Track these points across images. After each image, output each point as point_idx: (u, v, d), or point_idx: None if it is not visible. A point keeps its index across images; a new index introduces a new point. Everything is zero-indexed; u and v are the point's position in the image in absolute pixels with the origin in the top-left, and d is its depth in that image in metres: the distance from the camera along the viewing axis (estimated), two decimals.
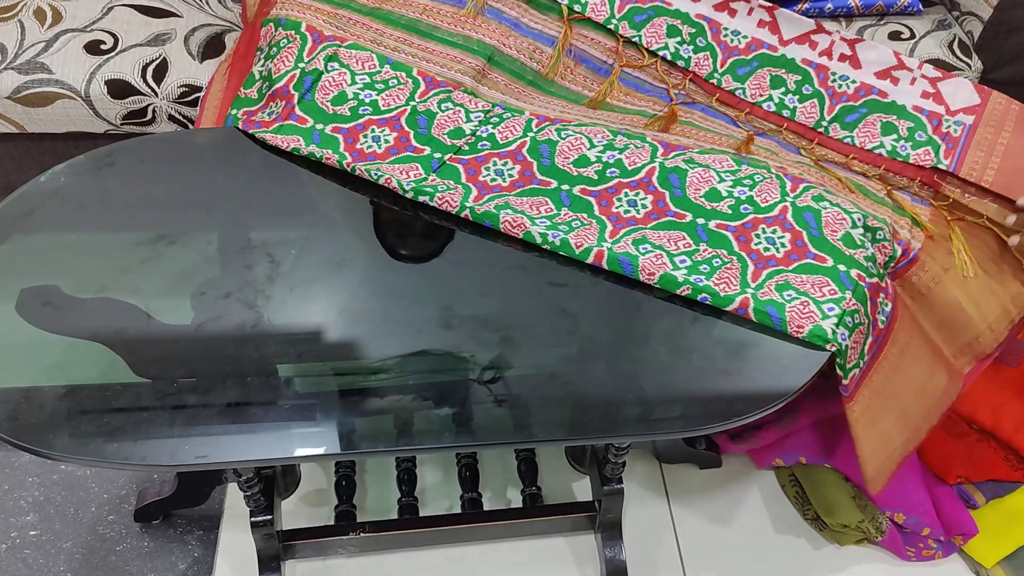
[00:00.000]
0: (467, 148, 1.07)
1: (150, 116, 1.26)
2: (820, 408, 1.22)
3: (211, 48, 1.29)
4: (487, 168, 1.05)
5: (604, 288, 0.95)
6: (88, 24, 1.28)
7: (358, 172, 1.03)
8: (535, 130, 1.08)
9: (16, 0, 1.30)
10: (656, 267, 0.93)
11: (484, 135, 1.08)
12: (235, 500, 1.24)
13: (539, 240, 0.97)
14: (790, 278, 0.94)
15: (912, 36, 1.38)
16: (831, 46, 1.24)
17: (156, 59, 1.25)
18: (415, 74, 1.12)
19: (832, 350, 0.88)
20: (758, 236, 0.98)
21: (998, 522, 1.22)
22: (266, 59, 1.14)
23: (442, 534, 1.16)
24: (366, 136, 1.07)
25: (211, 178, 1.05)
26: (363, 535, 1.13)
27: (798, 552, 1.23)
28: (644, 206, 1.01)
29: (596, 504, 1.16)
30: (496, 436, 0.83)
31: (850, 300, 0.92)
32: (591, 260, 0.95)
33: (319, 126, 1.08)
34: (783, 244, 0.97)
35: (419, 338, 0.89)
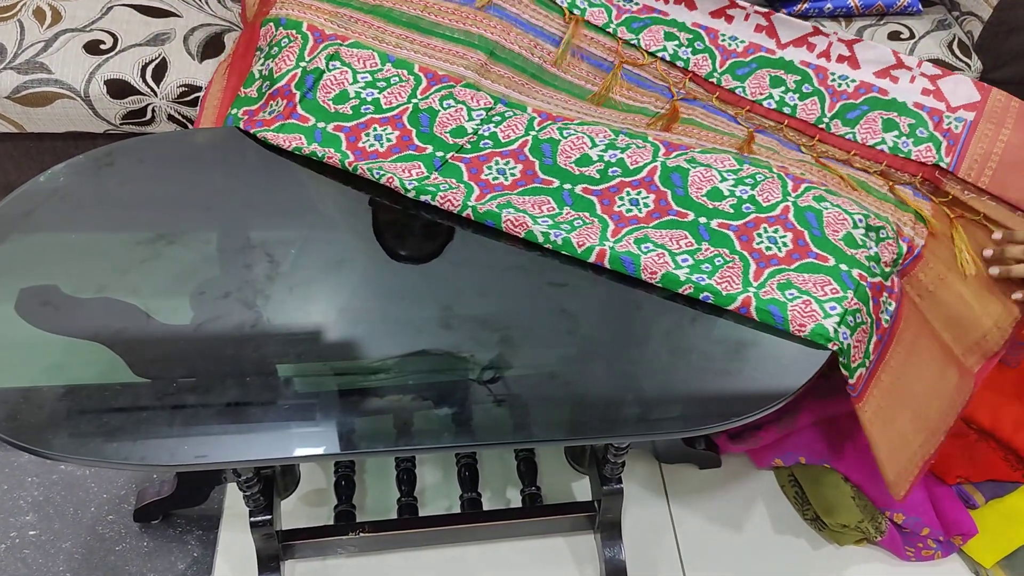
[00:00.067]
0: (469, 147, 1.07)
1: (149, 116, 1.26)
2: (820, 408, 1.22)
3: (210, 48, 1.29)
4: (489, 167, 1.05)
5: (604, 288, 0.95)
6: (87, 24, 1.28)
7: (360, 171, 1.03)
8: (537, 129, 1.08)
9: (15, 0, 1.30)
10: (658, 266, 0.93)
11: (486, 133, 1.08)
12: (234, 500, 1.24)
13: (541, 239, 0.97)
14: (792, 277, 0.94)
15: (912, 36, 1.38)
16: (829, 47, 1.24)
17: (155, 59, 1.25)
18: (417, 70, 1.12)
19: (834, 349, 0.88)
20: (760, 235, 0.98)
21: (997, 522, 1.22)
22: (266, 58, 1.14)
23: (441, 534, 1.16)
24: (368, 135, 1.07)
25: (210, 178, 1.05)
26: (362, 535, 1.13)
27: (797, 552, 1.23)
28: (646, 205, 1.01)
29: (596, 504, 1.16)
30: (496, 436, 0.83)
31: (852, 299, 0.92)
32: (593, 259, 0.95)
33: (321, 125, 1.08)
34: (785, 243, 0.97)
35: (419, 338, 0.89)
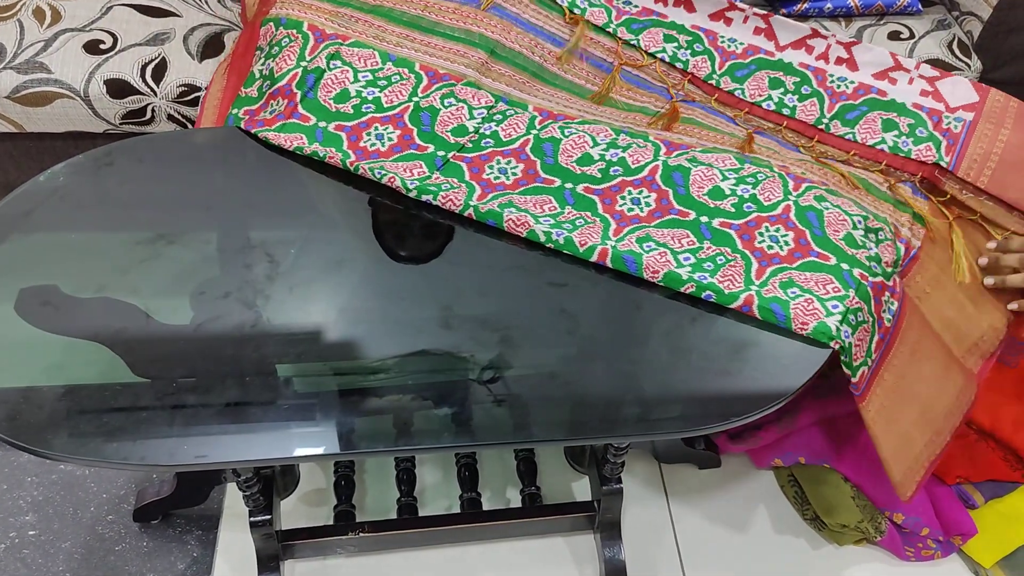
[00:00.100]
0: (470, 146, 1.07)
1: (149, 116, 1.26)
2: (819, 408, 1.22)
3: (210, 48, 1.29)
4: (491, 166, 1.05)
5: (603, 288, 0.95)
6: (87, 24, 1.28)
7: (361, 171, 1.03)
8: (538, 127, 1.08)
9: (15, 0, 1.30)
10: (660, 265, 0.93)
11: (487, 132, 1.08)
12: (234, 500, 1.24)
13: (543, 239, 0.97)
14: (794, 275, 0.94)
15: (912, 36, 1.38)
16: (827, 50, 1.24)
17: (155, 59, 1.25)
18: (418, 68, 1.12)
19: (836, 347, 0.89)
20: (761, 234, 0.98)
21: (997, 522, 1.22)
22: (267, 58, 1.14)
23: (441, 534, 1.16)
24: (369, 134, 1.07)
25: (210, 178, 1.05)
26: (362, 535, 1.13)
27: (797, 552, 1.23)
28: (648, 204, 1.01)
29: (595, 504, 1.16)
30: (495, 436, 0.83)
31: (853, 298, 0.92)
32: (595, 258, 0.95)
33: (322, 124, 1.08)
34: (787, 242, 0.97)
35: (418, 338, 0.89)
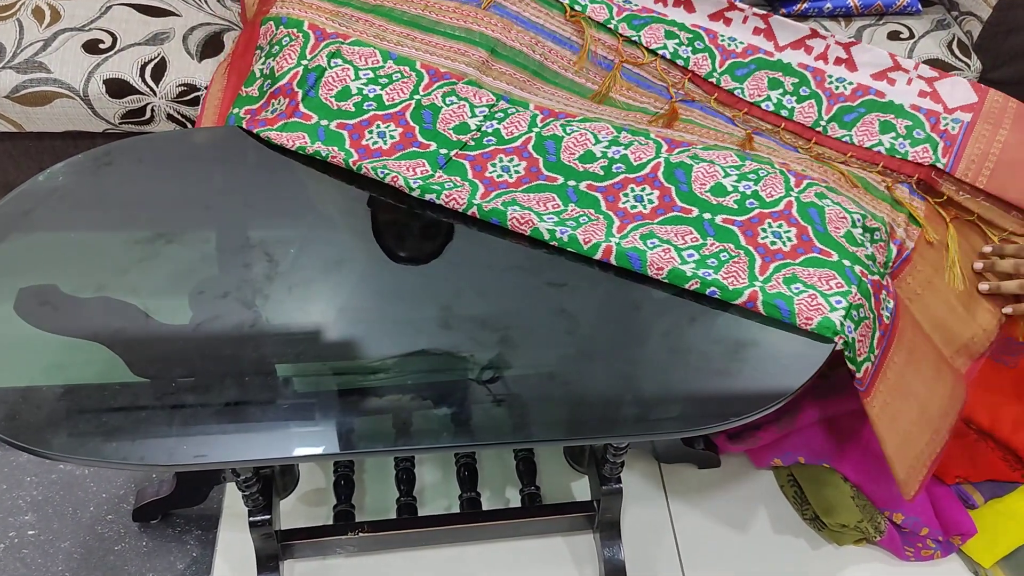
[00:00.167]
0: (473, 144, 1.07)
1: (149, 115, 1.26)
2: (819, 408, 1.22)
3: (210, 47, 1.29)
4: (493, 164, 1.05)
5: (603, 288, 0.95)
6: (86, 23, 1.28)
7: (364, 171, 1.03)
8: (540, 125, 1.08)
9: None
10: (664, 262, 0.94)
11: (489, 130, 1.08)
12: (233, 500, 1.24)
13: (547, 237, 0.97)
14: (797, 271, 0.94)
15: (911, 36, 1.38)
16: (826, 50, 1.24)
17: (155, 58, 1.25)
18: (418, 67, 1.12)
19: (840, 342, 0.89)
20: (764, 230, 0.98)
21: (997, 522, 1.22)
22: (267, 57, 1.14)
23: (441, 534, 1.16)
24: (371, 132, 1.07)
25: (209, 177, 1.05)
26: (362, 535, 1.13)
27: (797, 552, 1.23)
28: (651, 201, 1.01)
29: (595, 504, 1.16)
30: (495, 436, 0.83)
31: (855, 294, 0.92)
32: (599, 256, 0.95)
33: (324, 122, 1.08)
34: (789, 238, 0.97)
35: (418, 338, 0.89)
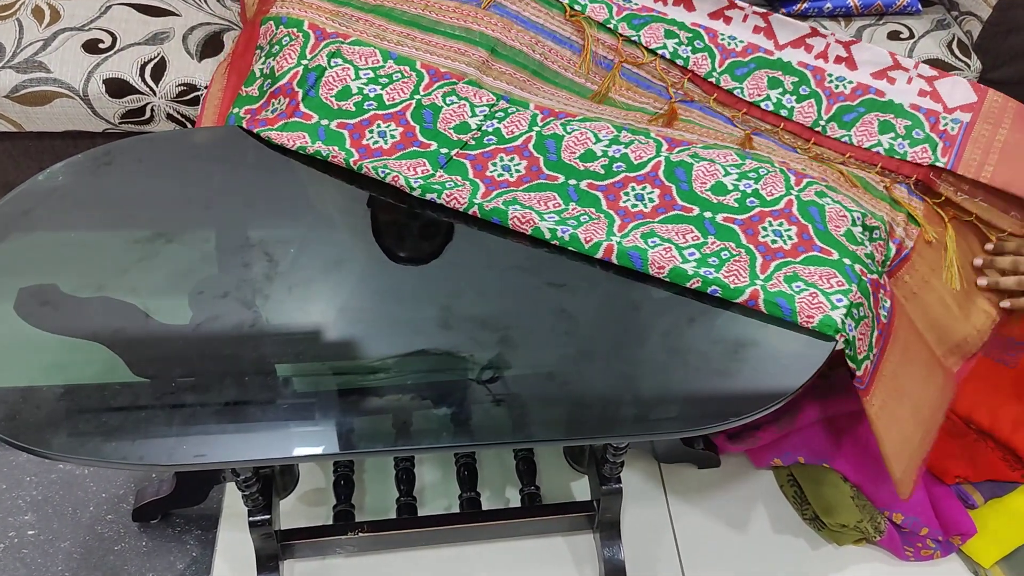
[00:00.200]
0: (473, 143, 1.07)
1: (148, 115, 1.26)
2: (819, 408, 1.22)
3: (209, 47, 1.29)
4: (494, 164, 1.05)
5: (602, 288, 0.95)
6: (86, 23, 1.28)
7: (365, 170, 1.03)
8: (540, 125, 1.08)
9: None
10: (666, 260, 0.94)
11: (490, 129, 1.08)
12: (233, 500, 1.24)
13: (548, 236, 0.97)
14: (798, 269, 0.94)
15: (911, 36, 1.38)
16: (826, 48, 1.24)
17: (154, 58, 1.25)
18: (419, 67, 1.12)
19: (841, 340, 0.89)
20: (765, 229, 0.98)
21: (996, 522, 1.22)
22: (267, 57, 1.14)
23: (440, 534, 1.16)
24: (372, 132, 1.07)
25: (209, 177, 1.05)
26: (361, 535, 1.13)
27: (796, 552, 1.23)
28: (651, 200, 1.01)
29: (595, 504, 1.16)
30: (495, 436, 0.83)
31: (856, 293, 0.92)
32: (600, 255, 0.95)
33: (324, 122, 1.08)
34: (790, 237, 0.97)
35: (418, 338, 0.89)
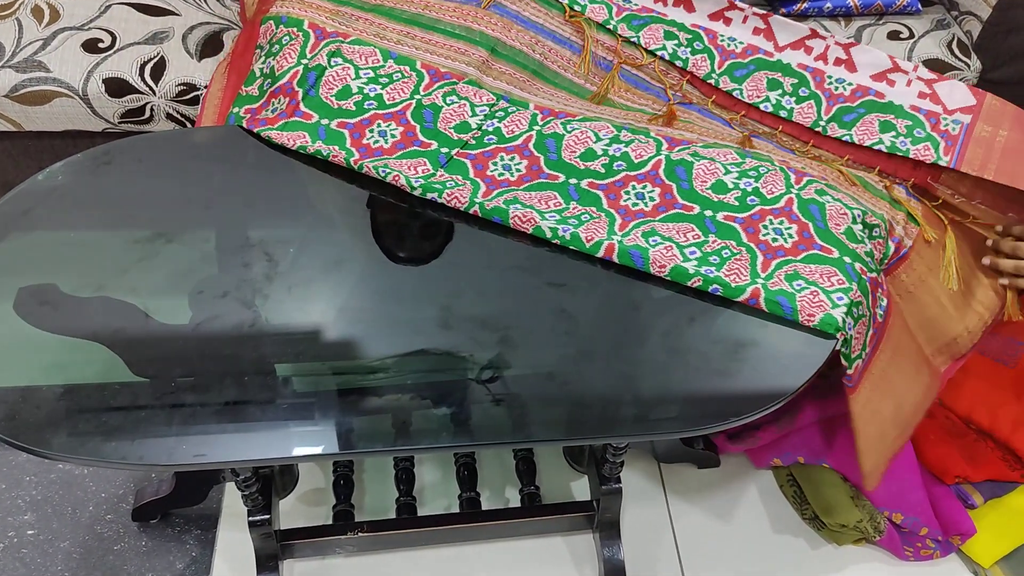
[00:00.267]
0: (473, 142, 1.07)
1: (148, 115, 1.26)
2: (818, 408, 1.22)
3: (209, 46, 1.29)
4: (494, 163, 1.05)
5: (602, 288, 0.95)
6: (86, 22, 1.28)
7: (365, 170, 1.03)
8: (540, 124, 1.08)
9: None
10: (667, 259, 0.94)
11: (490, 129, 1.08)
12: (233, 499, 1.24)
13: (549, 235, 0.97)
14: (799, 268, 0.94)
15: (911, 36, 1.38)
16: (826, 51, 1.24)
17: (154, 57, 1.25)
18: (419, 67, 1.12)
19: (841, 339, 0.89)
20: (765, 227, 0.98)
21: (996, 522, 1.22)
22: (267, 56, 1.14)
23: (440, 534, 1.16)
24: (372, 131, 1.07)
25: (209, 176, 1.05)
26: (361, 535, 1.13)
27: (796, 552, 1.23)
28: (652, 199, 1.02)
29: (594, 504, 1.16)
30: (494, 436, 0.83)
31: (856, 291, 0.93)
32: (601, 253, 0.95)
33: (324, 121, 1.08)
34: (790, 235, 0.97)
35: (417, 338, 0.89)
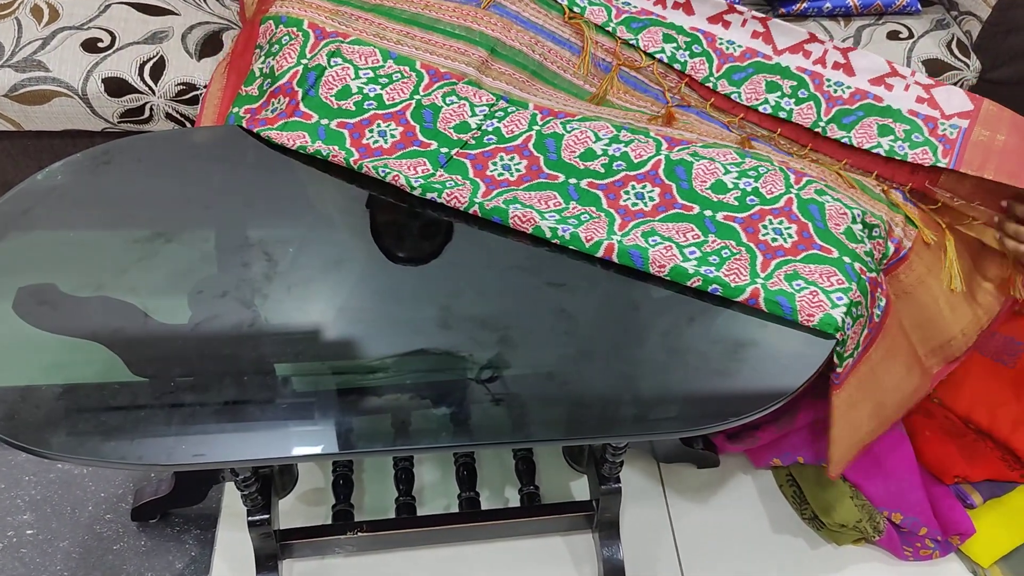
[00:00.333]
0: (473, 142, 1.07)
1: (147, 114, 1.26)
2: (818, 408, 1.21)
3: (209, 46, 1.29)
4: (494, 163, 1.05)
5: (602, 288, 0.95)
6: (85, 22, 1.28)
7: (365, 170, 1.03)
8: (540, 124, 1.08)
9: None
10: (666, 259, 0.94)
11: (490, 129, 1.08)
12: (232, 499, 1.24)
13: (549, 235, 0.97)
14: (799, 268, 0.94)
15: (911, 36, 1.38)
16: (824, 54, 1.24)
17: (153, 57, 1.25)
18: (419, 67, 1.12)
19: (840, 339, 0.89)
20: (765, 227, 0.98)
21: (995, 522, 1.23)
22: (267, 56, 1.14)
23: (440, 533, 1.16)
24: (372, 131, 1.07)
25: (208, 176, 1.05)
26: (360, 534, 1.13)
27: (795, 552, 1.23)
28: (652, 199, 1.02)
29: (594, 503, 1.16)
30: (494, 436, 0.83)
31: (855, 291, 0.93)
32: (601, 253, 0.95)
33: (324, 121, 1.08)
34: (790, 235, 0.98)
35: (417, 337, 0.89)
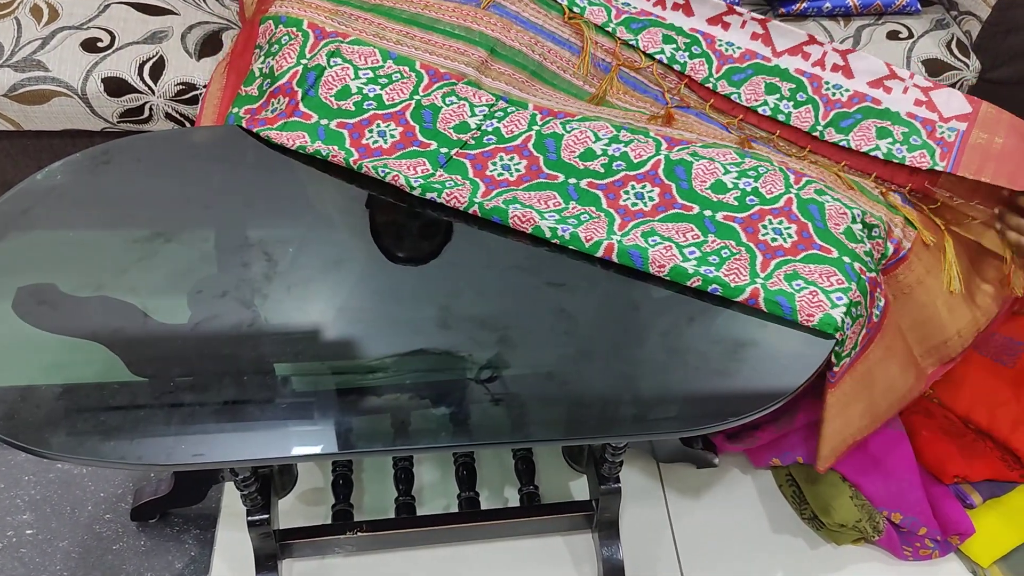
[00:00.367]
0: (473, 142, 1.07)
1: (147, 114, 1.26)
2: (817, 408, 1.21)
3: (208, 46, 1.29)
4: (494, 163, 1.05)
5: (602, 288, 0.95)
6: (85, 21, 1.28)
7: (365, 170, 1.03)
8: (540, 124, 1.09)
9: None
10: (666, 259, 0.94)
11: (489, 129, 1.08)
12: (232, 499, 1.24)
13: (548, 235, 0.97)
14: (798, 268, 0.95)
15: (910, 36, 1.38)
16: (823, 57, 1.24)
17: (153, 57, 1.25)
18: (418, 67, 1.12)
19: (840, 339, 0.89)
20: (765, 227, 0.98)
21: (995, 522, 1.23)
22: (267, 56, 1.14)
23: (439, 533, 1.16)
24: (371, 131, 1.07)
25: (208, 176, 1.05)
26: (360, 534, 1.13)
27: (795, 551, 1.23)
28: (651, 199, 1.02)
29: (593, 503, 1.16)
30: (493, 436, 0.83)
31: (855, 291, 0.93)
32: (601, 253, 0.95)
33: (324, 121, 1.08)
34: (790, 235, 0.98)
35: (417, 337, 0.89)
